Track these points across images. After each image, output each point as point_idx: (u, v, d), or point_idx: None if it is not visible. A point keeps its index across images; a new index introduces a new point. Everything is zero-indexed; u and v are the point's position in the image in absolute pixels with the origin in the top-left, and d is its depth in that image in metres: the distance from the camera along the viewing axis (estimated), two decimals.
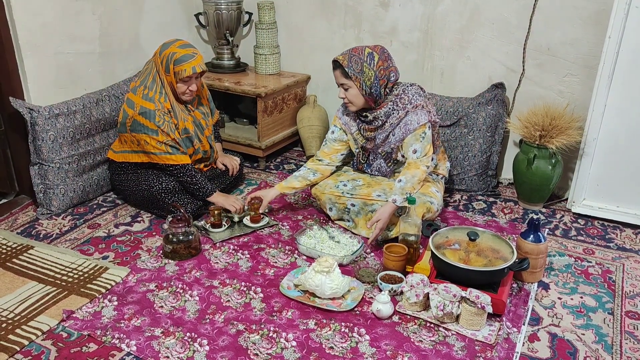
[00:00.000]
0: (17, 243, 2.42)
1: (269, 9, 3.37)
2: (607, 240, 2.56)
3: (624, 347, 1.89)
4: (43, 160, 2.61)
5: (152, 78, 2.54)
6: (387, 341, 1.87)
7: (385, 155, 2.53)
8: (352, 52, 2.38)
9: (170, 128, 2.52)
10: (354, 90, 2.38)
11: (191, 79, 2.54)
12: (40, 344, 1.84)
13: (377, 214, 2.34)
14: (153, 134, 2.48)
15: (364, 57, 2.35)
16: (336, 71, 2.40)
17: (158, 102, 2.50)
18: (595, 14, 2.63)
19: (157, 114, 2.48)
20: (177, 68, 2.48)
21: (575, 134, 2.65)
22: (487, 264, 2.01)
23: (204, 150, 2.73)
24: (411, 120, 2.38)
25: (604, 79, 2.52)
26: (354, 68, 2.34)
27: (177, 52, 2.49)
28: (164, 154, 2.52)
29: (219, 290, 2.13)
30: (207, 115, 2.78)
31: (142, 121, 2.48)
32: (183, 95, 2.58)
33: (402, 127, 2.41)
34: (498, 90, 2.87)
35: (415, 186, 2.36)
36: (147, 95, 2.51)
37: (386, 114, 2.43)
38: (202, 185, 2.59)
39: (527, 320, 1.99)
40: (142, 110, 2.48)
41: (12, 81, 2.60)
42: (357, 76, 2.34)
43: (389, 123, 2.44)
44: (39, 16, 2.60)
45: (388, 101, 2.43)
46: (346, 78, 2.37)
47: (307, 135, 3.38)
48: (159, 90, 2.53)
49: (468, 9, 2.91)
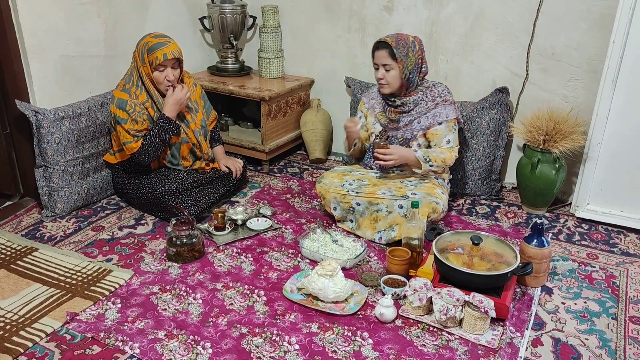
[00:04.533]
0: (22, 245, 2.43)
1: (273, 13, 3.38)
2: (611, 245, 2.55)
3: (627, 353, 1.88)
4: (48, 162, 2.62)
5: (130, 72, 2.62)
6: (390, 345, 1.87)
7: (403, 141, 2.59)
8: (398, 36, 2.52)
9: (142, 117, 2.55)
10: (395, 72, 2.49)
11: (166, 68, 2.56)
12: (44, 346, 1.85)
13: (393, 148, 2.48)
14: (123, 123, 2.54)
15: (409, 43, 2.51)
16: (382, 51, 2.49)
17: (133, 93, 2.57)
18: (600, 19, 2.63)
19: (128, 103, 2.54)
20: (151, 57, 2.52)
21: (579, 138, 2.64)
22: (491, 268, 2.01)
23: (192, 142, 2.74)
24: (440, 112, 2.53)
25: (608, 84, 2.52)
26: (401, 51, 2.46)
27: (150, 41, 2.54)
28: (127, 143, 2.56)
29: (222, 293, 2.14)
30: (195, 110, 2.79)
31: (117, 112, 2.55)
32: (161, 86, 2.60)
33: (430, 118, 2.54)
34: (502, 95, 2.87)
35: (439, 160, 2.50)
36: (125, 88, 2.59)
37: (414, 101, 2.56)
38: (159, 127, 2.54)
39: (531, 325, 1.99)
40: (118, 103, 2.55)
41: (17, 84, 2.61)
42: (403, 59, 2.47)
43: (415, 111, 2.56)
44: (44, 19, 2.62)
45: (418, 91, 2.57)
46: (392, 59, 2.47)
47: (311, 139, 3.39)
48: (136, 82, 2.59)
49: (472, 13, 2.91)
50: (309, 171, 3.33)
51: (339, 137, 3.53)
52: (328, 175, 2.67)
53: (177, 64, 2.60)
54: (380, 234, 2.48)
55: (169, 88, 2.60)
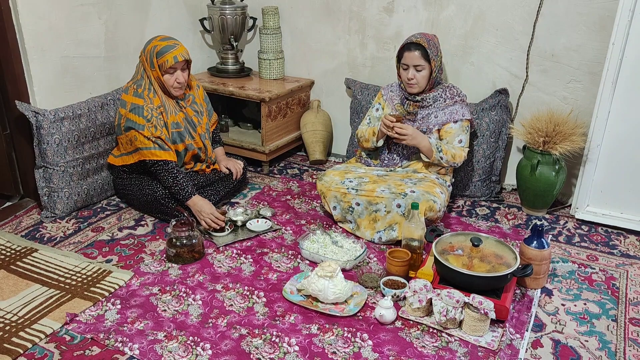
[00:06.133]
0: (21, 246, 2.43)
1: (274, 14, 3.39)
2: (611, 247, 2.55)
3: (627, 354, 1.88)
4: (48, 163, 2.62)
5: (141, 76, 2.60)
6: (390, 346, 1.87)
7: None
8: (426, 36, 2.56)
9: (159, 123, 2.54)
10: (425, 72, 2.55)
11: (176, 70, 2.56)
12: (44, 347, 1.85)
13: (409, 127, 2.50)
14: (141, 129, 2.51)
15: (437, 42, 2.59)
16: (414, 52, 2.52)
17: (147, 97, 2.55)
18: (599, 21, 2.63)
19: (145, 109, 2.52)
20: (160, 60, 2.51)
21: (579, 140, 2.64)
22: (491, 269, 2.01)
23: (198, 147, 2.74)
24: (457, 110, 2.59)
25: (607, 85, 2.53)
26: (432, 51, 2.52)
27: (158, 44, 2.53)
28: (149, 148, 2.53)
29: (222, 294, 2.14)
30: (201, 113, 2.79)
31: (132, 118, 2.52)
32: (172, 89, 2.59)
33: (448, 114, 2.60)
34: (502, 96, 2.88)
35: (449, 154, 2.55)
36: (137, 92, 2.56)
37: (434, 98, 2.62)
38: (183, 186, 2.55)
39: (530, 327, 1.99)
40: (132, 107, 2.53)
41: (18, 85, 2.61)
42: (435, 59, 2.54)
43: (434, 106, 2.62)
44: (45, 20, 2.62)
45: (437, 88, 2.64)
46: (424, 60, 2.52)
47: (311, 140, 3.39)
48: (147, 87, 2.57)
49: (472, 15, 2.92)
50: (309, 172, 3.33)
51: (339, 139, 3.54)
52: (329, 173, 2.67)
53: (186, 66, 2.61)
54: (379, 234, 2.48)
55: (178, 89, 2.60)
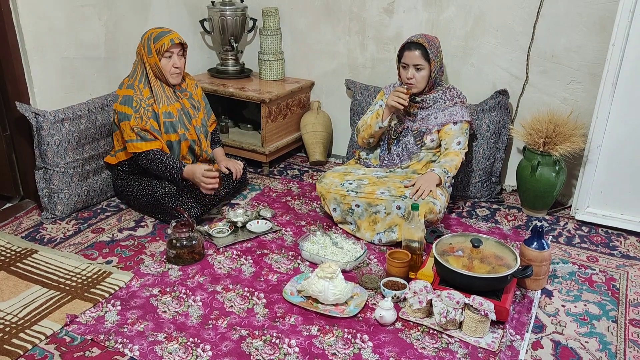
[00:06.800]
0: (21, 247, 2.43)
1: (274, 15, 3.39)
2: (611, 248, 2.55)
3: (627, 356, 1.88)
4: (48, 164, 2.62)
5: (135, 68, 2.63)
6: (390, 348, 1.87)
7: (417, 133, 2.64)
8: (426, 36, 2.56)
9: (146, 114, 2.56)
10: (425, 72, 2.54)
11: (172, 54, 2.58)
12: (44, 348, 1.85)
13: (416, 180, 2.46)
14: (128, 119, 2.54)
15: (437, 43, 2.59)
16: (415, 51, 2.51)
17: (137, 88, 2.58)
18: (600, 21, 2.63)
19: (134, 99, 2.55)
20: (157, 44, 2.54)
21: (579, 141, 2.64)
22: (491, 270, 2.01)
23: (192, 139, 2.74)
24: (457, 112, 2.59)
25: (607, 86, 2.53)
26: (433, 51, 2.51)
27: (154, 31, 2.60)
28: (132, 141, 2.55)
29: (222, 295, 2.14)
30: (198, 109, 2.79)
31: (122, 109, 2.55)
32: (170, 76, 2.61)
33: (447, 115, 2.59)
34: (502, 97, 2.88)
35: (453, 168, 2.54)
36: (129, 84, 2.60)
37: (434, 99, 2.62)
38: (171, 165, 2.54)
39: (531, 328, 1.99)
40: (122, 100, 2.56)
41: (18, 86, 2.61)
42: (435, 59, 2.53)
43: (434, 107, 2.61)
44: (45, 21, 2.62)
45: (438, 90, 2.63)
46: (424, 60, 2.51)
47: (311, 141, 3.39)
48: (139, 77, 2.61)
49: (472, 15, 2.92)
50: (309, 173, 3.33)
51: (339, 140, 3.54)
52: (329, 175, 2.67)
53: (182, 52, 2.63)
54: (379, 235, 2.48)
55: (175, 76, 2.63)
